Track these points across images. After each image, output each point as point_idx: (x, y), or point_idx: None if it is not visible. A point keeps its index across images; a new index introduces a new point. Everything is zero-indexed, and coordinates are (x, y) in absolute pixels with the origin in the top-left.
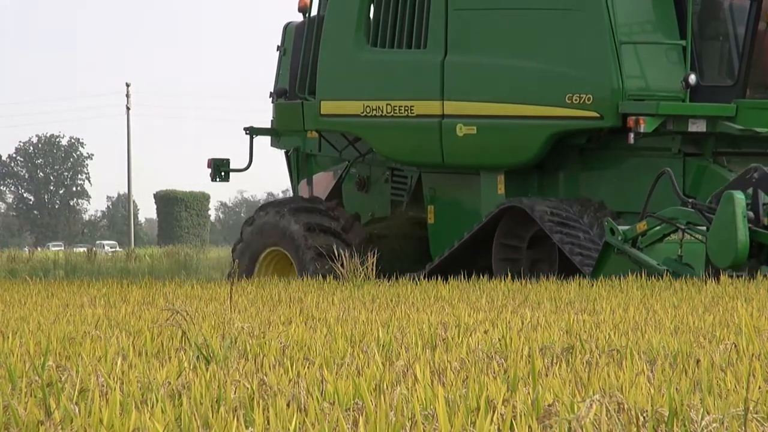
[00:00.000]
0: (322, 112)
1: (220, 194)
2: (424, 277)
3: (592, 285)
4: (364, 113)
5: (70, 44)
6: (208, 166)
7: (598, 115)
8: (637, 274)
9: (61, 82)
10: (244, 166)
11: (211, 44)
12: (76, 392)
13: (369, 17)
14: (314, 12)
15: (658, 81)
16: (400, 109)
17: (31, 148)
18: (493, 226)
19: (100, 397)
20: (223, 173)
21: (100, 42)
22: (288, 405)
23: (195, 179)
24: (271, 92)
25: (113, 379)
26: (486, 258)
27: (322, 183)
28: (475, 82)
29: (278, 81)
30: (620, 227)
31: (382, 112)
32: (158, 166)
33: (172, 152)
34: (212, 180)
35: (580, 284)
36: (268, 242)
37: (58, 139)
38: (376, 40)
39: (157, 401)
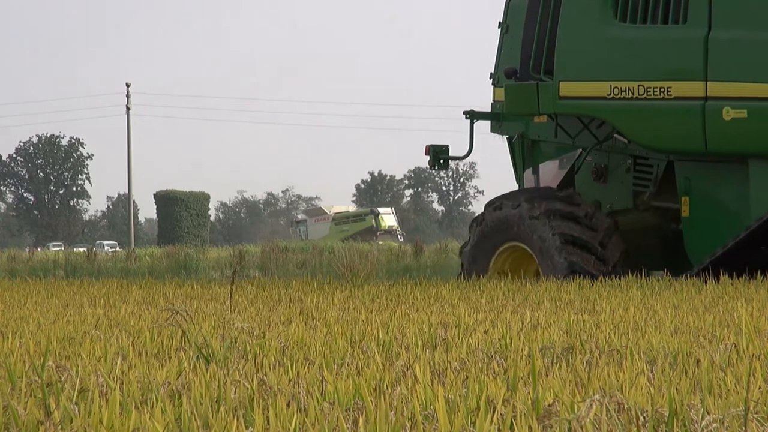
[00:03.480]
0: (561, 94)
1: (220, 194)
2: (696, 276)
3: (592, 285)
4: (612, 95)
5: (70, 44)
6: (426, 153)
7: None
8: (636, 274)
9: (61, 82)
10: (464, 153)
11: (211, 44)
12: (76, 392)
13: None
14: None
15: None
16: (654, 91)
17: (31, 148)
18: None
19: (100, 397)
20: (441, 160)
21: (100, 42)
22: (288, 405)
23: (195, 179)
24: (491, 73)
25: (113, 379)
26: (755, 256)
27: (550, 172)
28: (746, 61)
29: (500, 60)
30: None
31: (634, 94)
32: (158, 166)
33: (172, 152)
34: (431, 168)
35: (580, 284)
36: (512, 236)
37: (58, 139)
38: (625, 15)
39: (157, 401)
